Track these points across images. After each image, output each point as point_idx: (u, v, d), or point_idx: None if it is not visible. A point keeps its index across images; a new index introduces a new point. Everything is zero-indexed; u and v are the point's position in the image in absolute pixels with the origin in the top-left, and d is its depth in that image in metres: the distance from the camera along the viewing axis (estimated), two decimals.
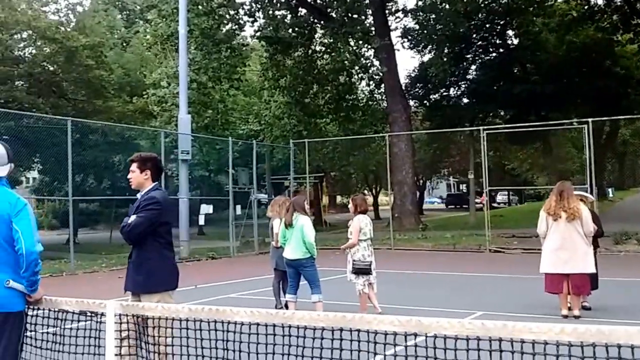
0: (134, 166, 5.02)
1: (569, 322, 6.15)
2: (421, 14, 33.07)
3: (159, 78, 24.48)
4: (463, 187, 67.29)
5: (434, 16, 33.25)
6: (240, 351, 3.49)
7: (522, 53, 33.19)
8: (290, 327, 3.20)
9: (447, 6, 32.02)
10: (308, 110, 30.59)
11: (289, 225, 8.67)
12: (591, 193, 18.23)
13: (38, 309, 4.34)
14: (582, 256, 8.08)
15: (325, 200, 46.40)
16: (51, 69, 19.12)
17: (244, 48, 28.09)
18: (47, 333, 4.39)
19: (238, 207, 22.40)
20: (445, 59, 32.69)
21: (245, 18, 28.71)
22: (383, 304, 8.62)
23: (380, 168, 40.05)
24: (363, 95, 35.45)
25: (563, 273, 8.06)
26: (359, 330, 2.93)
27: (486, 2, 32.18)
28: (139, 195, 5.05)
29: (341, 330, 3.01)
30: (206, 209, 21.54)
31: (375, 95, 34.83)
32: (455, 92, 34.81)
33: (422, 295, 10.57)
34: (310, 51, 31.03)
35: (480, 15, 32.82)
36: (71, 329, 4.29)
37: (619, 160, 56.57)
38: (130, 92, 26.24)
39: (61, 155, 20.49)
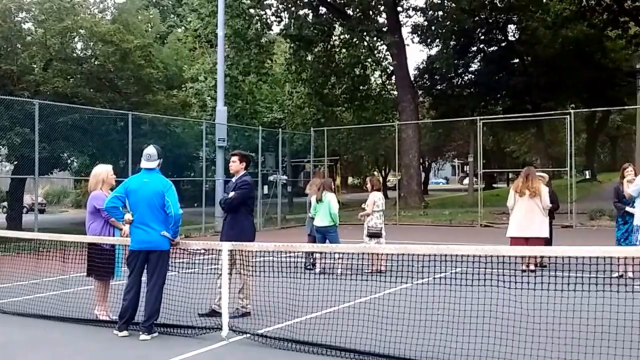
0: (235, 158, 7.45)
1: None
2: (430, 12, 35.10)
3: (196, 73, 26.87)
4: (466, 168, 69.36)
5: (441, 13, 35.33)
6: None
7: (520, 47, 35.15)
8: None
9: (453, 4, 34.09)
10: (326, 100, 32.83)
11: (319, 200, 11.06)
12: (570, 176, 20.67)
13: (179, 248, 6.84)
14: (538, 224, 10.40)
15: (338, 181, 48.71)
16: (108, 67, 21.45)
17: (271, 45, 30.33)
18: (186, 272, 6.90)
19: (265, 187, 24.78)
20: (450, 53, 34.81)
21: (273, 18, 30.93)
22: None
23: (390, 152, 42.34)
24: (375, 86, 37.62)
25: (524, 237, 10.35)
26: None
27: (489, 0, 34.11)
28: (234, 179, 7.47)
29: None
30: None
31: (386, 86, 37.04)
32: (458, 83, 36.86)
33: None
34: (329, 46, 33.18)
35: (483, 12, 34.76)
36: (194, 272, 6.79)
37: (612, 144, 58.53)
38: (167, 84, 28.45)
39: (112, 142, 23.07)
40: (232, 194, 7.31)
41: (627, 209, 9.61)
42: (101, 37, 21.25)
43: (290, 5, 31.47)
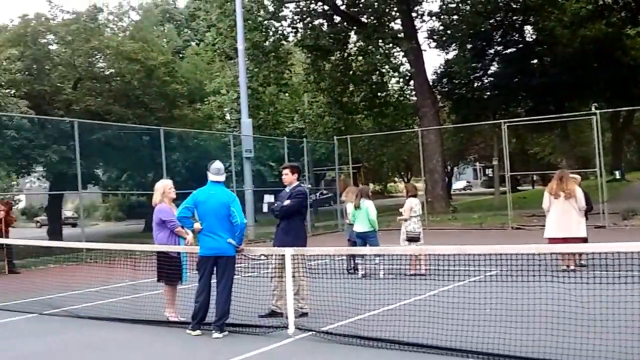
0: (287, 171, 8.08)
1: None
2: (445, 16, 35.62)
3: (218, 86, 27.62)
4: (489, 172, 69.67)
5: (456, 17, 35.85)
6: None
7: (539, 47, 35.55)
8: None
9: (468, 7, 34.62)
10: (346, 108, 33.41)
11: (357, 207, 11.63)
12: (601, 176, 21.07)
13: (243, 255, 7.46)
14: (575, 224, 10.85)
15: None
16: (133, 84, 22.33)
17: (288, 55, 31.02)
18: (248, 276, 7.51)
19: None
20: (468, 56, 35.32)
21: (289, 29, 31.66)
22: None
23: (412, 157, 42.89)
24: (394, 92, 38.13)
25: (562, 237, 10.79)
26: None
27: (504, 2, 34.55)
28: (287, 189, 8.08)
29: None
30: (268, 198, 24.49)
31: (405, 91, 37.56)
32: (478, 86, 37.29)
33: None
34: (345, 55, 33.80)
35: (499, 14, 35.21)
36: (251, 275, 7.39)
37: (638, 142, 58.60)
38: (188, 98, 29.37)
39: (141, 156, 23.87)
40: (287, 202, 7.91)
41: None
42: (126, 56, 22.14)
43: (305, 16, 32.21)
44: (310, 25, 32.12)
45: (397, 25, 33.52)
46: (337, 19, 33.34)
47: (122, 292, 9.37)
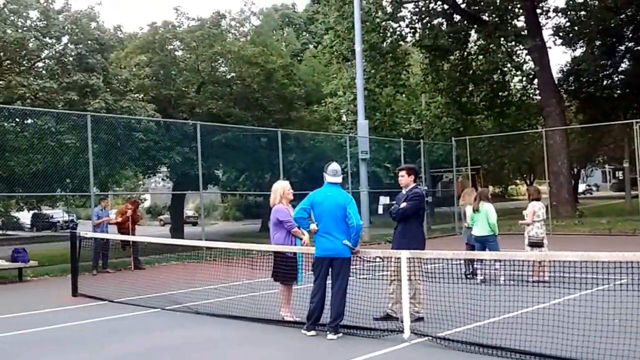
0: (403, 172, 8.01)
1: None
2: (571, 12, 34.01)
3: (335, 88, 27.96)
4: (619, 174, 65.68)
5: (583, 13, 34.13)
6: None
7: None
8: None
9: (597, 3, 32.84)
10: (465, 108, 32.72)
11: (476, 210, 11.32)
12: None
13: (358, 256, 7.49)
14: None
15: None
16: (253, 87, 23.13)
17: (406, 56, 30.83)
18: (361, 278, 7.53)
19: None
20: (596, 53, 33.50)
21: (407, 30, 31.48)
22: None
23: (535, 159, 41.23)
24: (516, 92, 36.87)
25: None
26: None
27: None
28: (404, 191, 8.01)
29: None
30: (383, 200, 24.54)
31: (528, 91, 36.20)
32: (607, 84, 35.28)
33: None
34: (465, 54, 33.13)
35: (630, 9, 33.11)
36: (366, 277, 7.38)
37: None
38: (306, 100, 29.94)
39: (259, 157, 24.59)
40: (404, 204, 7.85)
41: None
42: (247, 60, 22.94)
43: (423, 16, 31.89)
44: (429, 25, 31.84)
45: (520, 22, 32.50)
46: (457, 17, 32.79)
47: (240, 291, 9.69)
